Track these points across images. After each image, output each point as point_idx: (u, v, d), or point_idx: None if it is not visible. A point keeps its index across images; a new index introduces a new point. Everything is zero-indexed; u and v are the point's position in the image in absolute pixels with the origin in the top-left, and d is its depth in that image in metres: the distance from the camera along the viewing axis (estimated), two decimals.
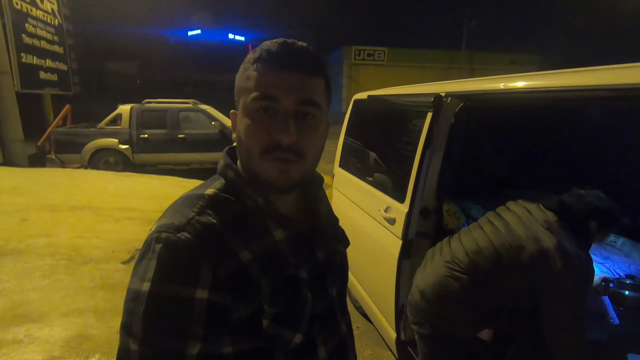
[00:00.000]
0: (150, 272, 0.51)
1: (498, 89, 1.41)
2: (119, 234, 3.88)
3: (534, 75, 1.37)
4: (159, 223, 0.56)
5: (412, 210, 1.71)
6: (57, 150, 7.15)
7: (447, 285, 1.37)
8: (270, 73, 0.56)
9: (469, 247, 1.39)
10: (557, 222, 1.30)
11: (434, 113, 1.66)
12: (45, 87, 8.81)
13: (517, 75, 1.43)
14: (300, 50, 0.58)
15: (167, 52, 24.59)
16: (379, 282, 2.04)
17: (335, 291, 0.71)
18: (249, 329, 0.55)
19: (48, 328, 2.30)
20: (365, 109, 2.56)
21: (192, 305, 0.50)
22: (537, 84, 1.30)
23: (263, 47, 0.58)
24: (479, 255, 1.35)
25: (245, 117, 0.58)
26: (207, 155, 7.53)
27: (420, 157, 1.68)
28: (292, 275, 0.61)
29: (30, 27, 8.07)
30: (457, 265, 1.38)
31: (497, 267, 1.31)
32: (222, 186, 0.61)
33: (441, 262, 1.44)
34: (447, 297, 1.37)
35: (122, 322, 0.52)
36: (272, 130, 0.56)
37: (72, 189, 5.40)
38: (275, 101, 0.56)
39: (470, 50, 21.44)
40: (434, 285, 1.41)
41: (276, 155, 0.56)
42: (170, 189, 6.00)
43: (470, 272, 1.35)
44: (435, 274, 1.43)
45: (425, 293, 1.43)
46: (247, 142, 0.58)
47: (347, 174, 2.59)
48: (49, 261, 3.15)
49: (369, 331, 2.54)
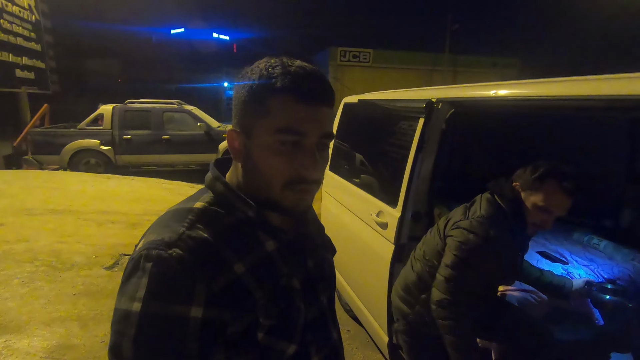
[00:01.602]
0: (141, 291, 0.49)
1: (489, 96, 1.43)
2: (101, 239, 3.77)
3: (525, 83, 1.40)
4: (147, 239, 0.54)
5: (405, 215, 1.72)
6: (35, 151, 6.92)
7: (407, 275, 1.57)
8: (299, 107, 0.55)
9: (422, 246, 1.59)
10: (486, 198, 1.43)
11: (425, 119, 1.67)
12: (21, 85, 8.52)
13: (508, 83, 1.46)
14: (324, 82, 0.57)
15: (149, 50, 24.10)
16: (370, 285, 2.04)
17: (326, 299, 0.72)
18: (244, 342, 0.55)
19: (28, 339, 2.21)
20: (356, 113, 2.56)
21: (187, 324, 0.49)
22: (527, 92, 1.32)
23: (285, 73, 0.55)
24: (425, 243, 1.56)
25: (267, 147, 0.56)
26: (192, 156, 7.43)
27: (413, 161, 1.69)
28: (285, 286, 0.61)
29: (5, 23, 7.79)
30: (413, 257, 1.59)
31: (434, 253, 1.48)
32: (211, 199, 0.60)
33: (407, 263, 1.63)
34: (407, 286, 1.54)
35: (111, 345, 0.50)
36: (297, 164, 0.56)
37: (51, 192, 5.22)
38: (304, 136, 0.56)
39: (454, 53, 21.82)
40: (401, 278, 1.60)
41: (302, 187, 0.58)
42: (154, 191, 5.88)
43: (419, 257, 1.54)
44: (404, 271, 1.62)
45: (398, 290, 1.59)
46: (269, 174, 0.57)
47: (337, 178, 2.59)
48: (27, 268, 3.03)
49: (359, 334, 2.54)
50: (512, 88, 1.40)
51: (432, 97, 1.73)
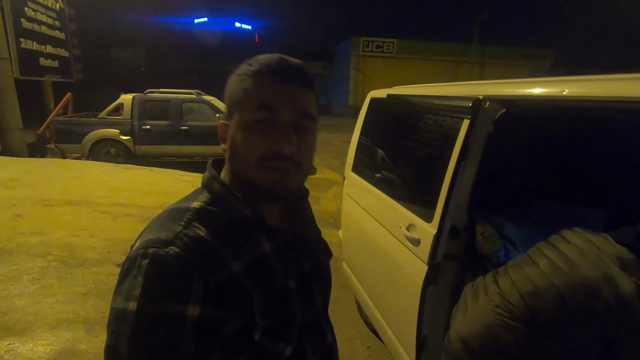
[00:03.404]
0: (137, 290, 0.49)
1: (557, 95, 1.16)
2: (116, 233, 3.69)
3: (601, 80, 1.12)
4: (143, 238, 0.54)
5: (442, 232, 1.48)
6: (57, 139, 6.97)
7: (498, 336, 1.12)
8: (271, 86, 0.57)
9: (524, 287, 1.12)
10: (635, 260, 1.04)
11: (471, 120, 1.42)
12: (45, 74, 8.61)
13: (578, 79, 1.19)
14: (298, 66, 0.60)
15: (173, 40, 24.24)
16: (396, 306, 1.82)
17: (321, 301, 0.71)
18: (240, 343, 0.54)
19: (32, 342, 2.11)
20: (384, 110, 2.31)
21: (184, 322, 0.49)
22: (609, 92, 1.05)
23: (260, 61, 0.59)
24: (537, 298, 1.08)
25: (242, 127, 0.58)
26: (211, 148, 7.32)
27: (454, 170, 1.45)
28: (281, 286, 0.60)
29: (29, 11, 7.83)
30: (509, 311, 1.12)
31: (561, 315, 1.05)
32: (208, 199, 0.60)
33: (489, 305, 1.17)
34: (497, 350, 1.13)
35: (107, 344, 0.50)
36: (272, 139, 0.56)
37: (69, 182, 5.21)
38: (276, 113, 0.57)
39: (481, 43, 20.89)
40: (481, 334, 1.16)
41: (276, 164, 0.57)
42: (172, 183, 5.80)
43: (527, 320, 1.08)
44: (481, 319, 1.17)
45: (469, 343, 1.18)
46: (244, 151, 0.58)
47: (361, 181, 2.36)
48: (39, 263, 2.97)
49: (380, 352, 2.33)
50: (586, 86, 1.13)
51: (478, 94, 1.47)
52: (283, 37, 27.75)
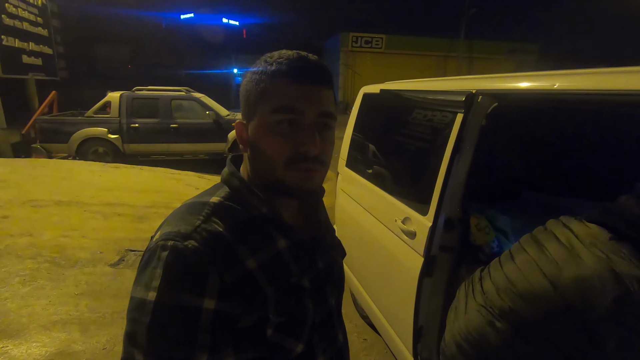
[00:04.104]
0: (157, 281, 0.50)
1: (548, 88, 1.19)
2: (107, 232, 3.64)
3: (592, 73, 1.15)
4: (163, 231, 0.55)
5: (437, 224, 1.51)
6: (43, 139, 6.81)
7: (485, 336, 1.10)
8: (293, 87, 0.57)
9: (501, 284, 1.11)
10: (609, 237, 0.97)
11: (464, 114, 1.44)
12: (28, 71, 8.40)
13: (570, 73, 1.21)
14: (318, 64, 0.60)
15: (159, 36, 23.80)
16: (393, 298, 1.85)
17: (334, 301, 0.72)
18: (252, 338, 0.55)
19: (26, 345, 2.09)
20: (377, 105, 2.33)
21: (200, 314, 0.50)
22: (602, 86, 1.08)
23: (279, 60, 0.58)
24: (513, 295, 1.06)
25: (265, 129, 0.58)
26: (201, 145, 7.26)
27: (448, 164, 1.47)
28: (295, 284, 0.61)
29: (10, 7, 7.62)
30: (491, 310, 1.10)
31: (539, 311, 1.01)
32: (227, 194, 0.61)
33: (474, 305, 1.16)
34: (490, 351, 1.10)
35: (126, 331, 0.51)
36: (297, 142, 0.57)
37: (58, 182, 5.12)
38: (300, 114, 0.57)
39: (469, 38, 21.08)
40: (471, 337, 1.14)
41: (304, 166, 0.58)
42: (162, 181, 5.74)
43: (507, 317, 1.06)
44: (470, 321, 1.16)
45: (462, 347, 1.17)
46: (271, 154, 0.58)
47: (356, 176, 2.38)
48: (29, 265, 2.92)
49: (377, 344, 2.37)
50: (576, 80, 1.16)
51: (470, 89, 1.49)
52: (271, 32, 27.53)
